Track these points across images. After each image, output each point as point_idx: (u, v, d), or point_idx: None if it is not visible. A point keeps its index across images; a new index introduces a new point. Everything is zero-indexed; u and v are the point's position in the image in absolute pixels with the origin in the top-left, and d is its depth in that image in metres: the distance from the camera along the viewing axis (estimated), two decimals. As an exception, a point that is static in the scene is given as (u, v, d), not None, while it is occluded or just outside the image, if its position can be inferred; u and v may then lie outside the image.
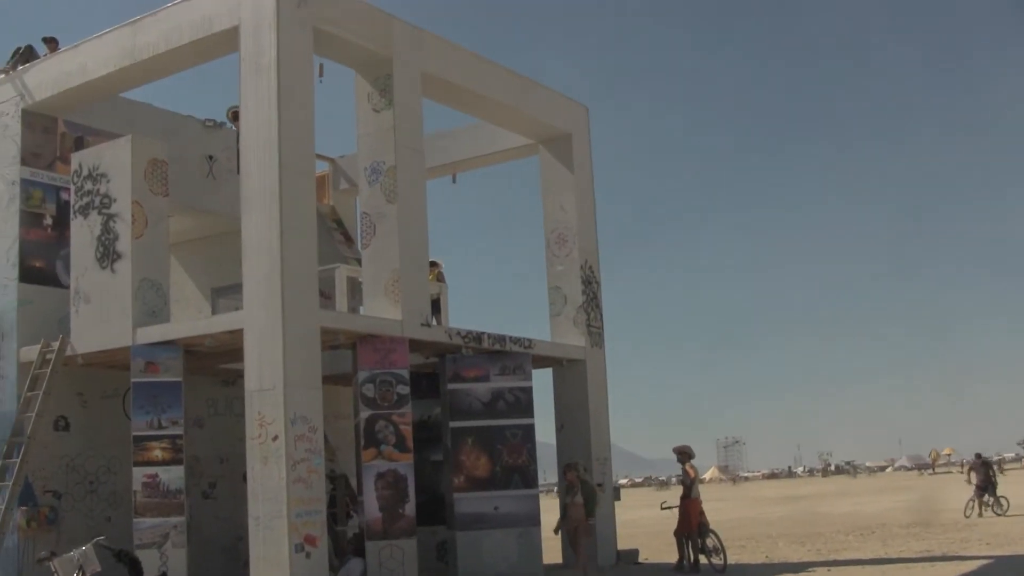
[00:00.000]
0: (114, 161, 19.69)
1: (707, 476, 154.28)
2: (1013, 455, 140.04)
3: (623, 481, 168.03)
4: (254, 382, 17.39)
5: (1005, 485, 33.99)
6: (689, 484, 21.94)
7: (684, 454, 22.14)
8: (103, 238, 19.56)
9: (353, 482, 21.68)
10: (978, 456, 38.30)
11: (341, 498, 22.15)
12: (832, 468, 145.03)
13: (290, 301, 17.26)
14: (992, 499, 34.64)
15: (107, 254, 19.48)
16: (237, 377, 19.39)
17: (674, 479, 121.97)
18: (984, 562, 20.33)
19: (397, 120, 20.03)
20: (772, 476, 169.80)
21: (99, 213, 19.69)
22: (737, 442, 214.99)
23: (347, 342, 19.53)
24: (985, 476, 35.34)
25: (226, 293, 20.59)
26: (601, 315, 24.74)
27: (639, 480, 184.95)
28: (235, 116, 24.59)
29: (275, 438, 16.98)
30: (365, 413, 19.26)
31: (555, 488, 23.57)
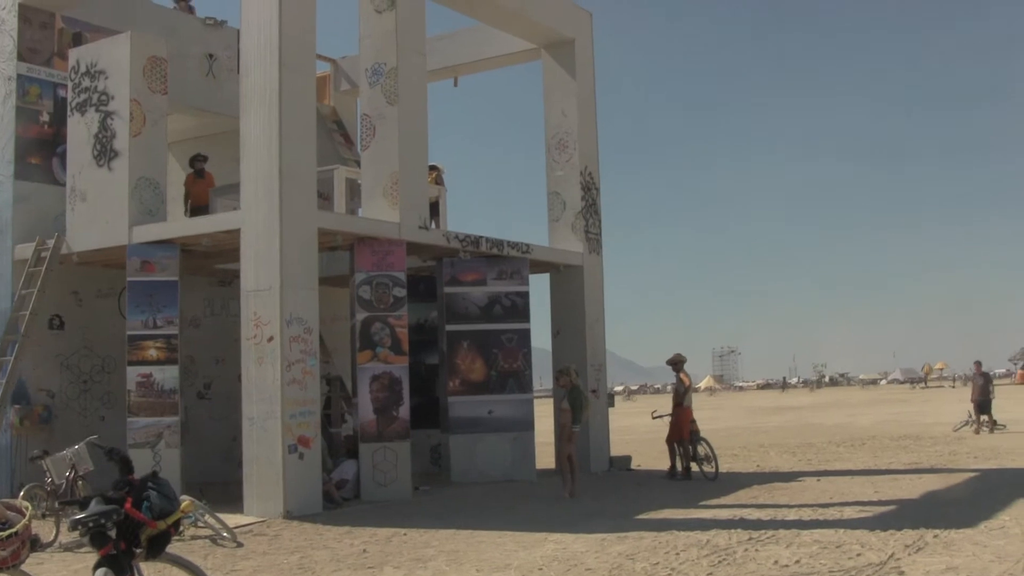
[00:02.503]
0: (112, 58, 19.50)
1: (702, 385, 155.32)
2: (1004, 371, 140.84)
3: (618, 388, 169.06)
4: (251, 282, 17.36)
5: (995, 400, 33.78)
6: (683, 392, 22.06)
7: (677, 363, 22.24)
8: (100, 135, 19.42)
9: (348, 384, 21.76)
10: (978, 364, 35.87)
11: (336, 400, 22.25)
12: (827, 380, 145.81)
13: (288, 201, 17.17)
14: (987, 419, 33.75)
15: (104, 152, 19.35)
16: (234, 277, 19.35)
17: (669, 387, 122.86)
18: (971, 474, 20.46)
19: (399, 21, 19.82)
20: (766, 386, 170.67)
21: (97, 110, 19.54)
22: (733, 352, 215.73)
23: (345, 244, 19.48)
24: (984, 389, 33.51)
25: (224, 193, 20.46)
26: (600, 221, 24.69)
27: (635, 388, 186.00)
28: None
29: (270, 339, 16.98)
30: (361, 315, 19.26)
31: (551, 393, 23.65)
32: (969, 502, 16.08)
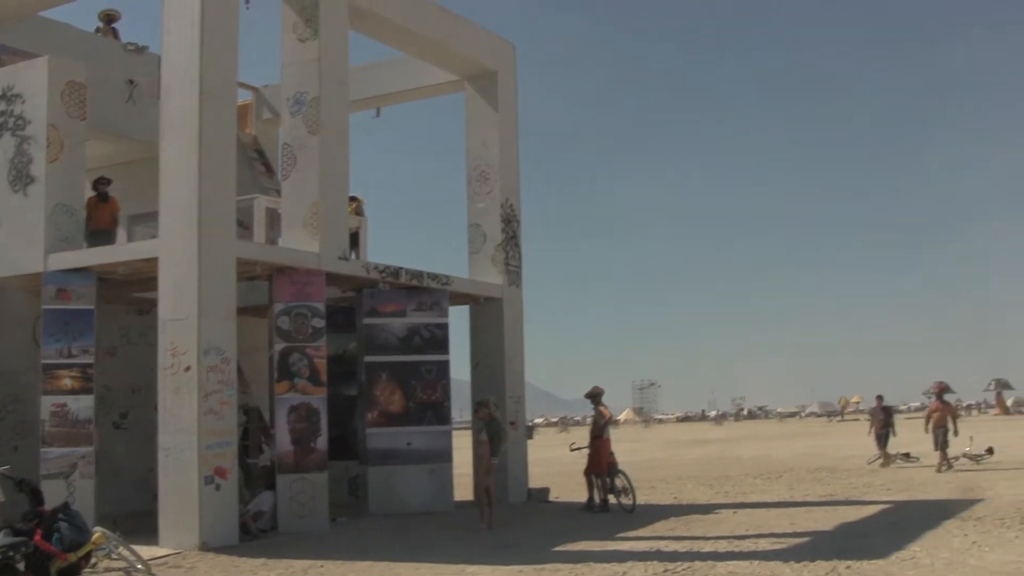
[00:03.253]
0: (30, 82, 19.26)
1: (622, 417, 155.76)
2: (919, 404, 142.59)
3: (538, 420, 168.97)
4: (168, 311, 17.19)
5: (901, 433, 34.13)
6: (602, 424, 22.13)
7: (596, 396, 22.31)
8: (16, 160, 19.15)
9: (266, 415, 21.60)
10: (879, 399, 35.70)
11: (254, 431, 22.06)
12: (745, 413, 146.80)
13: (207, 230, 17.04)
14: (894, 453, 34.05)
15: (20, 177, 19.09)
16: (152, 306, 19.10)
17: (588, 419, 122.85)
18: (884, 506, 20.72)
19: (322, 51, 19.79)
20: (686, 419, 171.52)
21: (13, 135, 19.27)
22: (653, 384, 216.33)
23: (264, 273, 19.36)
24: (885, 422, 33.60)
25: (143, 220, 20.29)
26: (520, 254, 24.75)
27: (554, 420, 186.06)
28: (108, 19, 24.23)
29: (187, 368, 16.82)
30: (280, 345, 19.15)
31: (470, 425, 23.64)
32: (882, 533, 16.28)
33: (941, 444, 29.95)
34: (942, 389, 31.44)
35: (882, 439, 33.31)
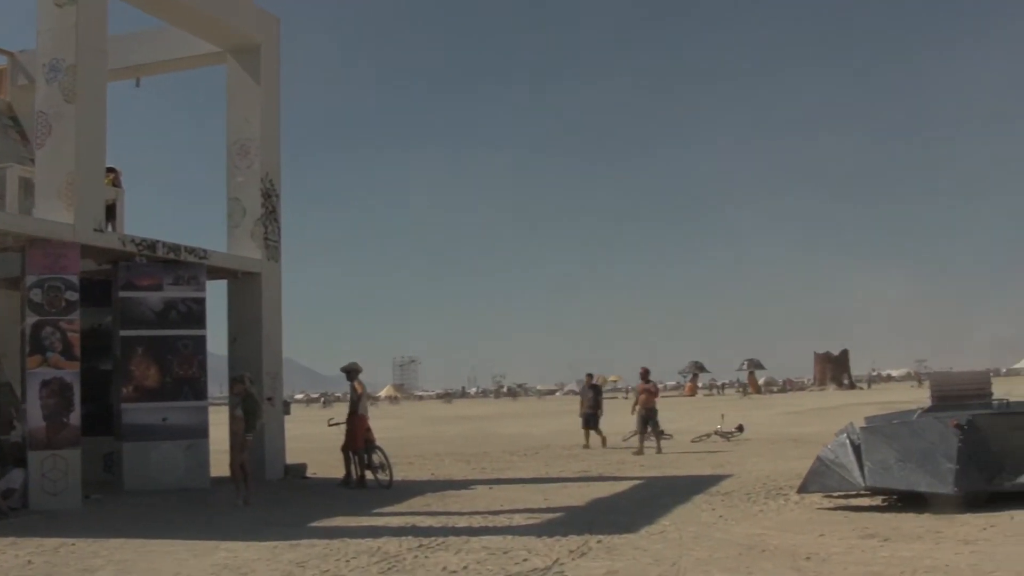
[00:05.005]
0: None
1: (383, 394, 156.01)
2: (674, 383, 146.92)
3: (298, 396, 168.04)
4: (-87, 282, 16.66)
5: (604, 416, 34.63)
6: (356, 400, 22.23)
7: (351, 371, 22.39)
8: None
9: (18, 390, 21.06)
10: (589, 377, 35.47)
11: (4, 406, 21.48)
12: (505, 390, 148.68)
13: (-45, 199, 16.56)
14: (597, 433, 34.42)
15: None
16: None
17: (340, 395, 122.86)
18: (637, 482, 21.28)
19: (80, 17, 19.34)
20: (446, 395, 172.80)
21: None
22: (413, 361, 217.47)
23: (16, 245, 18.85)
24: (594, 401, 32.99)
25: None
26: (279, 229, 24.61)
27: (315, 396, 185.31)
28: None
29: (-67, 341, 16.35)
30: (32, 319, 18.68)
31: (227, 401, 23.44)
32: (633, 509, 16.74)
33: (642, 427, 29.88)
34: (646, 372, 31.36)
35: (589, 420, 32.86)
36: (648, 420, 29.99)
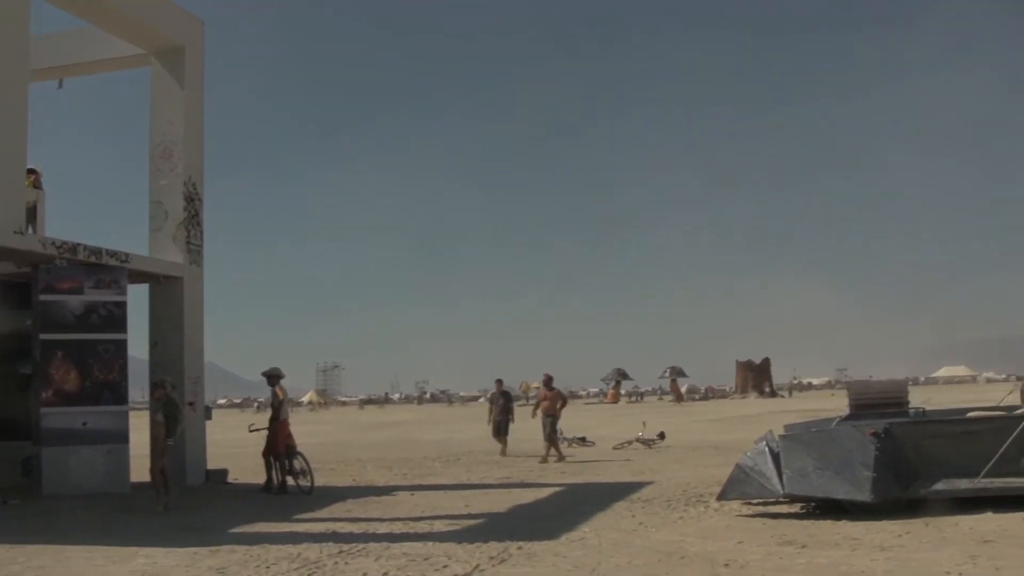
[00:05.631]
0: None
1: (306, 399, 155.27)
2: (597, 390, 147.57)
3: (221, 401, 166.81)
4: None
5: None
6: (277, 406, 22.17)
7: (273, 376, 22.34)
8: None
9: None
10: (499, 383, 33.48)
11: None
12: (428, 396, 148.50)
13: None
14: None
15: None
16: None
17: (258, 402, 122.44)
18: (558, 489, 21.39)
19: (1, 16, 19.14)
20: (369, 401, 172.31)
21: None
22: (336, 367, 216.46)
23: (-66, 247, 18.65)
24: (504, 408, 32.14)
25: None
26: (202, 233, 24.48)
27: (237, 401, 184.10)
28: None
29: None
30: (-51, 322, 18.48)
31: (148, 406, 23.27)
32: (554, 515, 16.82)
33: (548, 434, 29.30)
34: (549, 379, 30.93)
35: (501, 426, 32.11)
36: (549, 427, 29.47)
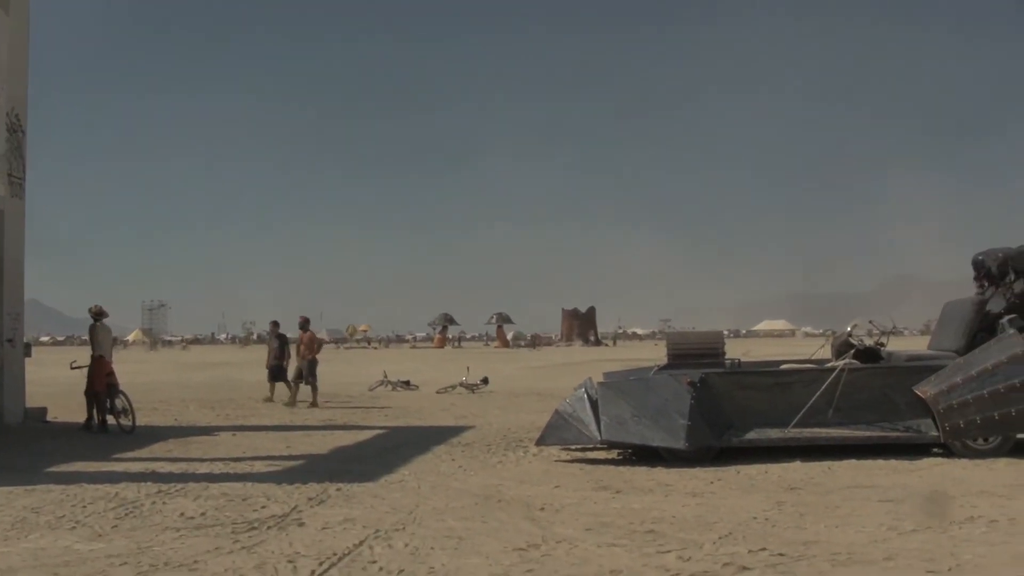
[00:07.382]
0: None
1: (131, 338, 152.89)
2: (424, 334, 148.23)
3: (44, 338, 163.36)
4: None
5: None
6: (99, 343, 21.96)
7: (97, 315, 22.12)
8: None
9: None
10: (274, 325, 31.49)
11: None
12: (255, 337, 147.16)
13: None
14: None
15: None
16: None
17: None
18: (380, 432, 21.55)
19: None
20: (195, 342, 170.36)
21: None
22: (163, 305, 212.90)
23: None
24: (280, 352, 30.26)
25: None
26: (24, 165, 23.88)
27: (61, 339, 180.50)
28: None
29: None
30: None
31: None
32: (374, 458, 16.99)
33: (301, 377, 29.07)
34: (305, 320, 29.95)
35: (276, 371, 30.39)
36: (306, 371, 29.12)
